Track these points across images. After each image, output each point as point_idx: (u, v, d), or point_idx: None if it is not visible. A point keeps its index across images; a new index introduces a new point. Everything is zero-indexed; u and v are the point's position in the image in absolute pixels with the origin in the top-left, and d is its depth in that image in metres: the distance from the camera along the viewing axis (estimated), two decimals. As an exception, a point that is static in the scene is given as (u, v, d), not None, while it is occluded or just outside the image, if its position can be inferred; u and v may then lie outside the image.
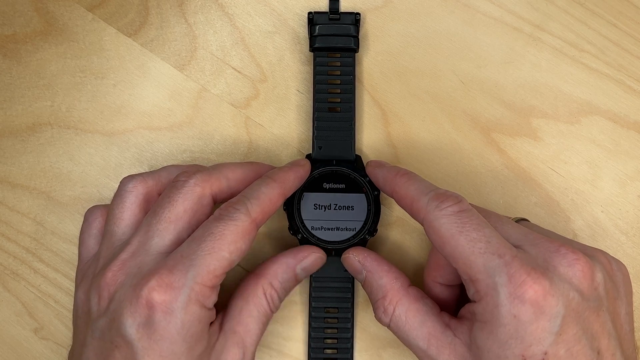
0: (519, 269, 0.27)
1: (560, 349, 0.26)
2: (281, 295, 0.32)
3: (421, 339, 0.30)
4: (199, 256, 0.28)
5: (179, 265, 0.28)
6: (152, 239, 0.30)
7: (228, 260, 0.29)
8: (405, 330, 0.30)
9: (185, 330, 0.28)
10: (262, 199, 0.30)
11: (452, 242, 0.28)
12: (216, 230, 0.29)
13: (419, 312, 0.30)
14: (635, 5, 0.37)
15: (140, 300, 0.27)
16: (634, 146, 0.37)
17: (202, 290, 0.28)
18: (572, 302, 0.27)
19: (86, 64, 0.38)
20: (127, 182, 0.32)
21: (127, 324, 0.28)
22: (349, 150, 0.35)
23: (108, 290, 0.29)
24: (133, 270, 0.29)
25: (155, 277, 0.28)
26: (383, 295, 0.31)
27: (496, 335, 0.27)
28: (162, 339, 0.27)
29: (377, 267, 0.32)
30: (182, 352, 0.28)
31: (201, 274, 0.28)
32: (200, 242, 0.29)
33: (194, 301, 0.28)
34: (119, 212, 0.32)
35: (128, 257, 0.30)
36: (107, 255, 0.31)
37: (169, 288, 0.28)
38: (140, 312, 0.27)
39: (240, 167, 0.32)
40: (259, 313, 0.31)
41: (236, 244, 0.29)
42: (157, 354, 0.27)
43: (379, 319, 0.31)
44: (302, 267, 0.33)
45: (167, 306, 0.27)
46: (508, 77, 0.37)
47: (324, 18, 0.36)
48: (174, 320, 0.27)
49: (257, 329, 0.31)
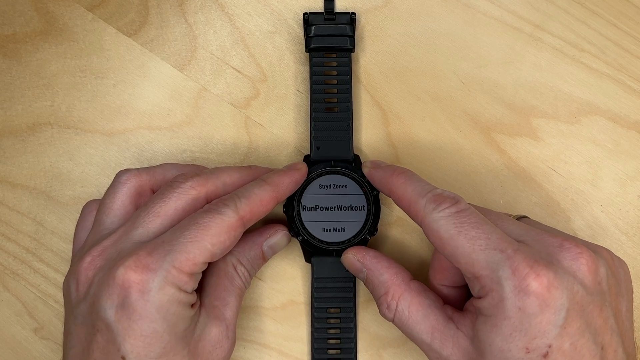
0: (521, 261, 0.27)
1: (565, 343, 0.26)
2: (250, 272, 0.33)
3: (425, 332, 0.30)
4: (180, 242, 0.28)
5: (159, 249, 0.28)
6: (136, 229, 0.30)
7: (209, 251, 0.29)
8: (409, 325, 0.30)
9: (165, 309, 0.28)
10: (252, 199, 0.30)
11: (452, 243, 0.28)
12: (201, 221, 0.29)
13: (422, 306, 0.30)
14: (635, 5, 0.37)
15: (117, 281, 0.27)
16: (634, 146, 0.37)
17: (179, 275, 0.28)
18: (577, 296, 0.27)
19: (86, 64, 0.38)
20: (122, 174, 0.32)
21: (105, 306, 0.28)
22: (347, 150, 0.35)
23: (86, 275, 0.29)
24: (112, 256, 0.29)
25: (133, 257, 0.28)
26: (385, 292, 0.31)
27: (500, 328, 0.27)
28: (141, 318, 0.27)
29: (376, 264, 0.32)
30: (163, 330, 0.28)
31: (179, 259, 0.28)
32: (184, 230, 0.29)
33: (170, 284, 0.28)
34: (109, 201, 0.32)
35: (110, 244, 0.30)
36: (91, 243, 0.31)
37: (145, 269, 0.27)
38: (117, 292, 0.27)
39: (238, 171, 0.33)
40: (233, 287, 0.32)
41: (219, 237, 0.29)
42: (138, 333, 0.27)
43: (383, 315, 0.31)
44: (268, 244, 0.34)
45: (143, 286, 0.27)
46: (508, 77, 0.37)
47: (320, 18, 0.36)
48: (151, 299, 0.27)
49: (234, 301, 0.31)
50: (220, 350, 0.30)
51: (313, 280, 0.35)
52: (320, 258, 0.35)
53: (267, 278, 0.37)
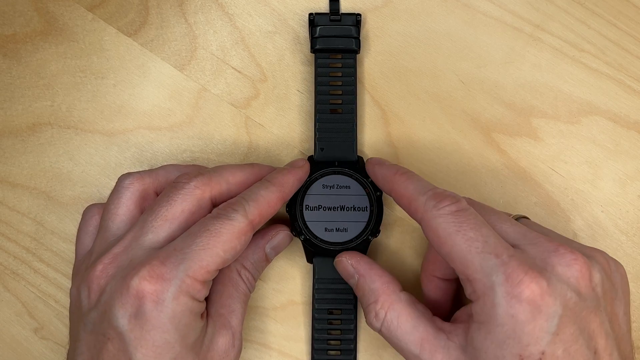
0: (516, 268, 0.27)
1: (558, 349, 0.26)
2: (255, 276, 0.33)
3: (413, 343, 0.30)
4: (192, 250, 0.28)
5: (172, 258, 0.28)
6: (146, 234, 0.30)
7: (222, 258, 0.29)
8: (397, 335, 0.30)
9: (177, 319, 0.28)
10: (260, 202, 0.30)
11: (450, 241, 0.28)
12: (212, 228, 0.29)
13: (411, 317, 0.30)
14: (635, 5, 0.37)
15: (131, 291, 0.27)
16: (634, 146, 0.37)
17: (193, 284, 0.28)
18: (570, 302, 0.27)
19: (86, 64, 0.38)
20: (124, 178, 0.32)
21: (118, 315, 0.28)
22: (351, 152, 0.35)
23: (98, 283, 0.29)
24: (124, 264, 0.29)
25: (147, 267, 0.28)
26: (375, 300, 0.31)
27: (494, 335, 0.27)
28: (154, 328, 0.27)
29: (369, 270, 0.32)
30: (175, 340, 0.28)
31: (193, 268, 0.28)
32: (196, 237, 0.29)
33: (185, 293, 0.28)
34: (114, 207, 0.32)
35: (120, 252, 0.30)
36: (100, 250, 0.31)
37: (159, 279, 0.27)
38: (131, 302, 0.27)
39: (240, 170, 0.32)
40: (238, 293, 0.32)
41: (231, 243, 0.29)
42: (150, 344, 0.27)
43: (369, 324, 0.31)
44: (271, 246, 0.34)
45: (158, 296, 0.27)
46: (508, 77, 0.37)
47: (325, 19, 0.36)
48: (165, 309, 0.27)
49: (240, 308, 0.32)
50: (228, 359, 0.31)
51: (314, 281, 0.35)
52: (322, 259, 0.35)
53: (268, 278, 0.37)
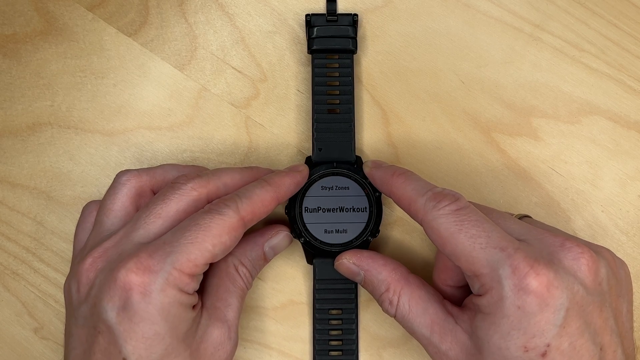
0: (522, 260, 0.27)
1: (564, 342, 0.26)
2: (252, 273, 0.33)
3: (424, 326, 0.30)
4: (181, 244, 0.28)
5: (159, 251, 0.28)
6: (137, 230, 0.30)
7: (210, 252, 0.29)
8: (409, 319, 0.30)
9: (166, 311, 0.28)
10: (253, 200, 0.30)
11: (453, 240, 0.28)
12: (202, 222, 0.29)
13: (422, 299, 0.31)
14: (636, 5, 0.37)
15: (118, 283, 0.27)
16: (634, 146, 0.37)
17: (180, 277, 0.28)
18: (577, 296, 0.27)
19: (86, 64, 0.38)
20: (122, 175, 0.32)
21: (107, 308, 0.28)
22: (349, 152, 0.35)
23: (87, 276, 0.29)
24: (113, 257, 0.29)
25: (134, 259, 0.28)
26: (386, 288, 0.31)
27: (498, 326, 0.27)
28: (143, 320, 0.27)
29: (373, 263, 0.32)
30: (165, 332, 0.28)
31: (180, 261, 0.28)
32: (185, 230, 0.28)
33: (172, 285, 0.28)
34: (109, 203, 0.32)
35: (111, 246, 0.30)
36: (92, 245, 0.31)
37: (146, 271, 0.27)
38: (119, 295, 0.27)
39: (239, 173, 0.32)
40: (235, 288, 0.32)
41: (221, 238, 0.29)
42: (140, 335, 0.27)
43: (386, 311, 0.32)
44: (269, 245, 0.34)
45: (145, 288, 0.27)
46: (508, 77, 0.37)
47: (322, 20, 0.36)
48: (153, 301, 0.27)
49: (236, 302, 0.31)
50: (222, 352, 0.30)
51: (315, 282, 0.35)
52: (322, 260, 0.35)
53: (268, 278, 0.37)
